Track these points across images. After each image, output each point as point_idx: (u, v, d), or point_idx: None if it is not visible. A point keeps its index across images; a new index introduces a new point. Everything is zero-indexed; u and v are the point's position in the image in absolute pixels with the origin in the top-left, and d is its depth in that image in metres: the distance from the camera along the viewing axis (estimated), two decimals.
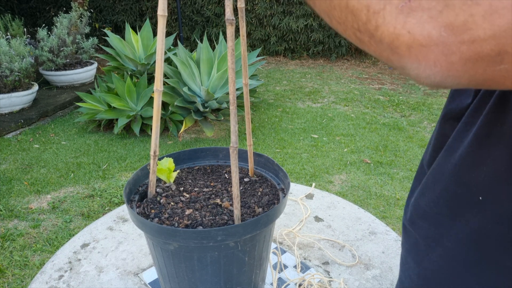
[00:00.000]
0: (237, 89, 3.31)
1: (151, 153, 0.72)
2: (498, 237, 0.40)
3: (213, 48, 4.76)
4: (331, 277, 0.90)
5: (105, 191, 2.56)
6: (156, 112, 0.67)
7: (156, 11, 6.49)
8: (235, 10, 0.67)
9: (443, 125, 0.51)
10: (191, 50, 6.09)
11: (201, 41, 4.18)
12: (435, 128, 0.53)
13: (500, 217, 0.40)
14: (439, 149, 0.51)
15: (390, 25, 0.28)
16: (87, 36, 4.98)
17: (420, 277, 0.49)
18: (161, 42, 0.63)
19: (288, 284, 0.88)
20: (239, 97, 3.40)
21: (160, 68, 0.64)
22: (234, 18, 0.56)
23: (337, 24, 0.32)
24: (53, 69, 4.43)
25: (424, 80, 0.30)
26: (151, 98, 3.35)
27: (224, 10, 6.13)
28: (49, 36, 4.37)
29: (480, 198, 0.41)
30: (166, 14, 0.61)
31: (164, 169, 0.79)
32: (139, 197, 0.77)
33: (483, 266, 0.42)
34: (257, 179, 0.84)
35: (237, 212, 0.66)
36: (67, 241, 1.33)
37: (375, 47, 0.30)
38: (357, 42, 0.32)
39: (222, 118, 3.32)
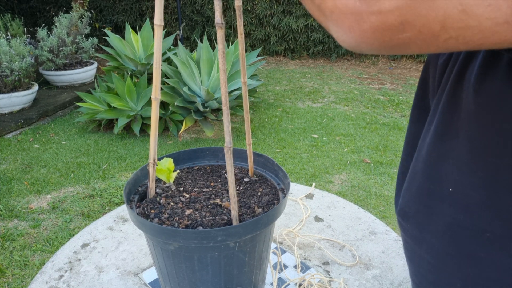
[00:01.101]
0: (236, 89, 3.31)
1: (150, 161, 0.72)
2: (470, 228, 0.41)
3: (213, 48, 4.76)
4: (331, 277, 0.90)
5: (105, 191, 2.56)
6: (154, 120, 0.67)
7: None
8: (229, 9, 0.67)
9: (413, 126, 0.53)
10: (191, 50, 6.09)
11: (201, 41, 4.18)
12: (406, 131, 0.55)
13: (470, 207, 0.41)
14: (410, 150, 0.53)
15: None
16: (87, 36, 4.98)
17: (418, 275, 0.50)
18: (158, 51, 0.63)
19: (288, 284, 0.88)
20: (239, 97, 3.40)
21: (157, 76, 0.65)
22: (223, 22, 0.57)
23: None
24: (53, 69, 4.43)
25: (342, 43, 0.34)
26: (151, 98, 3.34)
27: (224, 10, 6.13)
28: (49, 36, 4.37)
29: (450, 189, 0.42)
30: (163, 23, 0.62)
31: (164, 169, 0.79)
32: (139, 197, 0.77)
33: (460, 259, 0.43)
34: (257, 179, 0.84)
35: (234, 212, 0.66)
36: (67, 241, 1.33)
37: (310, 5, 0.34)
38: None
39: (222, 118, 3.32)
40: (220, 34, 0.58)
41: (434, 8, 0.28)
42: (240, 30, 0.69)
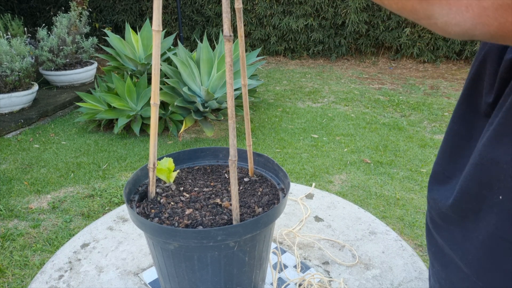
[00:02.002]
0: (236, 89, 3.31)
1: (150, 166, 0.71)
2: None
3: (213, 48, 4.76)
4: (331, 277, 0.90)
5: (105, 191, 2.56)
6: (154, 125, 0.67)
7: None
8: (233, 10, 0.66)
9: (457, 124, 0.49)
10: (191, 50, 6.09)
11: (201, 41, 4.18)
12: (447, 128, 0.51)
13: None
14: (452, 148, 0.49)
15: None
16: (87, 36, 4.98)
17: (447, 280, 0.48)
18: (156, 57, 0.62)
19: (288, 284, 0.88)
20: (239, 97, 3.40)
21: (156, 82, 0.64)
22: (232, 35, 0.56)
23: None
24: (53, 69, 4.43)
25: (453, 27, 0.29)
26: None
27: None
28: (49, 36, 4.37)
29: (500, 197, 0.39)
30: (161, 29, 0.61)
31: (164, 169, 0.79)
32: (139, 197, 0.77)
33: (496, 273, 0.40)
34: (257, 179, 0.84)
35: (235, 214, 0.66)
36: (67, 241, 1.33)
37: None
38: None
39: (222, 118, 3.32)
40: (228, 46, 0.57)
41: None
42: (241, 32, 0.68)
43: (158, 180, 0.82)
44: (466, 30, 0.29)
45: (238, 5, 0.66)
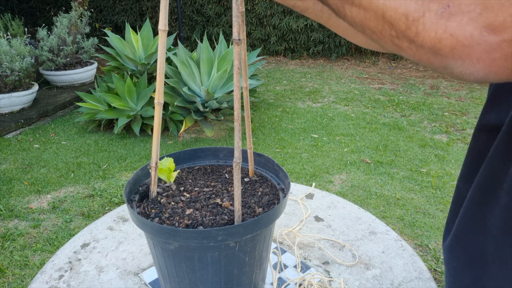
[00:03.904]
0: None
1: (152, 164, 0.71)
2: None
3: (213, 48, 4.76)
4: (331, 277, 0.90)
5: (105, 191, 2.56)
6: (157, 124, 0.67)
7: (156, 11, 6.48)
8: (229, 9, 0.66)
9: (478, 138, 0.49)
10: (191, 50, 6.09)
11: (201, 41, 4.18)
12: (470, 142, 0.51)
13: None
14: (475, 163, 0.49)
15: (431, 30, 0.30)
16: (87, 36, 4.98)
17: None
18: (162, 56, 0.62)
19: (288, 284, 0.88)
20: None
21: (161, 81, 0.64)
22: (241, 39, 0.56)
23: (371, 33, 0.33)
24: (53, 69, 4.43)
25: (468, 76, 0.32)
26: (151, 98, 3.35)
27: (224, 10, 6.13)
28: (49, 36, 4.37)
29: None
30: (167, 28, 0.61)
31: (164, 169, 0.79)
32: (139, 197, 0.77)
33: None
34: (257, 179, 0.84)
35: (237, 216, 0.66)
36: (67, 241, 1.33)
37: (414, 51, 0.32)
38: (394, 47, 0.33)
39: (222, 118, 3.32)
40: (236, 50, 0.57)
41: None
42: (243, 35, 0.69)
43: (159, 180, 0.82)
44: (480, 78, 0.31)
45: (241, 8, 0.66)
